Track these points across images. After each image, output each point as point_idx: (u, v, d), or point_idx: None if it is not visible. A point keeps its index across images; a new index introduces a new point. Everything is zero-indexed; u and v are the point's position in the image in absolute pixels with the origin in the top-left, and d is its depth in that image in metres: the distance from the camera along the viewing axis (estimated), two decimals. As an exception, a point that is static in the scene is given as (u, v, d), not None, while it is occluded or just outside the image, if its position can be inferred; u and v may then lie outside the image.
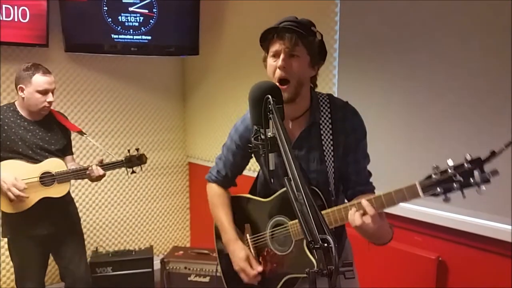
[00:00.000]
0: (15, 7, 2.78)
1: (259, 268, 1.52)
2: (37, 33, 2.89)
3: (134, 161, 2.40)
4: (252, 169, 1.85)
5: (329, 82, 2.51)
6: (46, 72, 2.26)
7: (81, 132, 2.50)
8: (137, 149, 2.43)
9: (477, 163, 1.07)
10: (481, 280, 1.96)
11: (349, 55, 2.41)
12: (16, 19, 2.80)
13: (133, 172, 2.40)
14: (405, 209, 2.17)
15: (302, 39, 1.33)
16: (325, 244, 0.79)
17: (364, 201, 1.22)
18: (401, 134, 2.20)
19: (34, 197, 2.24)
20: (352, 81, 2.40)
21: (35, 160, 2.27)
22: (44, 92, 2.23)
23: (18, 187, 2.14)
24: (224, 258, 1.70)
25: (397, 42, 2.17)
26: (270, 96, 1.15)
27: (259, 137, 1.18)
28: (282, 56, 1.34)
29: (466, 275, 2.02)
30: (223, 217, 1.63)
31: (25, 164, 2.24)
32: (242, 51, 3.10)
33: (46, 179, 2.25)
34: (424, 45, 2.06)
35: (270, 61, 1.39)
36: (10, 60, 2.96)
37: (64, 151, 2.43)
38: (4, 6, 2.74)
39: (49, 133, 2.35)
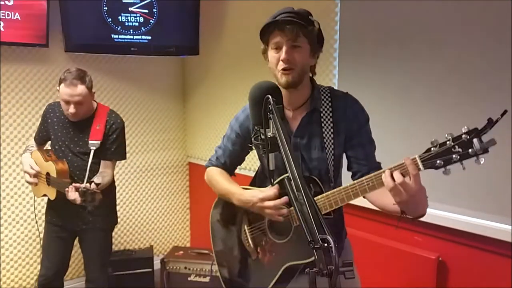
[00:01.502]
0: (16, 7, 2.78)
1: (275, 187, 1.40)
2: (37, 33, 2.88)
3: (88, 195, 2.04)
4: (253, 169, 1.85)
5: (329, 82, 2.51)
6: (71, 84, 2.19)
7: (95, 144, 2.34)
8: (91, 182, 2.12)
9: (475, 133, 1.06)
10: (481, 280, 1.96)
11: (349, 54, 2.41)
12: (16, 19, 2.79)
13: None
14: (405, 209, 2.17)
15: (303, 30, 1.35)
16: (325, 244, 0.79)
17: (407, 159, 1.17)
18: (401, 133, 2.20)
19: (40, 191, 2.42)
20: (352, 80, 2.40)
21: (59, 156, 2.38)
22: (66, 102, 2.24)
23: (29, 173, 2.32)
24: (222, 257, 1.70)
25: (397, 42, 2.17)
26: (270, 96, 1.15)
27: (259, 137, 1.18)
28: (284, 48, 1.34)
29: (466, 275, 2.02)
30: (228, 185, 1.58)
31: (41, 159, 2.35)
32: (242, 51, 3.10)
33: (47, 179, 2.34)
34: (424, 44, 2.06)
35: (272, 53, 1.39)
36: (10, 60, 2.96)
37: (96, 154, 2.32)
38: (4, 6, 2.74)
39: (81, 135, 2.36)
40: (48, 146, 2.55)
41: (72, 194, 2.07)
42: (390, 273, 2.23)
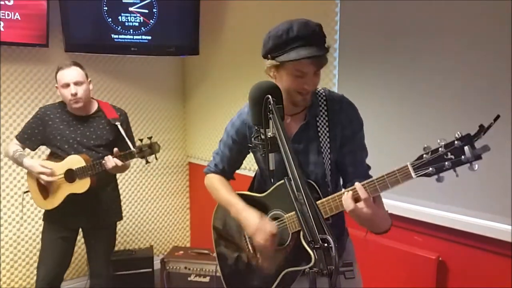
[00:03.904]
0: (16, 7, 2.78)
1: (274, 226, 1.44)
2: (37, 33, 2.88)
3: (146, 150, 2.18)
4: (252, 168, 1.85)
5: (329, 82, 2.51)
6: (69, 67, 2.27)
7: (116, 120, 2.38)
8: (150, 138, 2.21)
9: (467, 139, 1.06)
10: (481, 280, 1.96)
11: (349, 55, 2.41)
12: (16, 19, 2.79)
13: (147, 162, 2.20)
14: (405, 209, 2.17)
15: (325, 60, 1.36)
16: (325, 244, 0.79)
17: (357, 184, 1.21)
18: (402, 133, 2.20)
19: (61, 194, 2.31)
20: (352, 81, 2.40)
21: (71, 153, 2.31)
22: (66, 86, 2.26)
23: (46, 173, 2.23)
24: (224, 260, 1.70)
25: (397, 42, 2.17)
26: (270, 96, 1.15)
27: (259, 137, 1.18)
28: (310, 76, 1.35)
29: (466, 275, 2.02)
30: (227, 194, 1.61)
31: (51, 163, 2.30)
32: (242, 51, 3.10)
33: (69, 176, 2.29)
34: (424, 44, 2.06)
35: (292, 77, 1.35)
36: (10, 60, 2.96)
37: (111, 146, 2.30)
38: (4, 6, 2.74)
39: (92, 129, 2.37)
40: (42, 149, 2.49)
41: (110, 162, 2.16)
42: (390, 273, 2.23)
